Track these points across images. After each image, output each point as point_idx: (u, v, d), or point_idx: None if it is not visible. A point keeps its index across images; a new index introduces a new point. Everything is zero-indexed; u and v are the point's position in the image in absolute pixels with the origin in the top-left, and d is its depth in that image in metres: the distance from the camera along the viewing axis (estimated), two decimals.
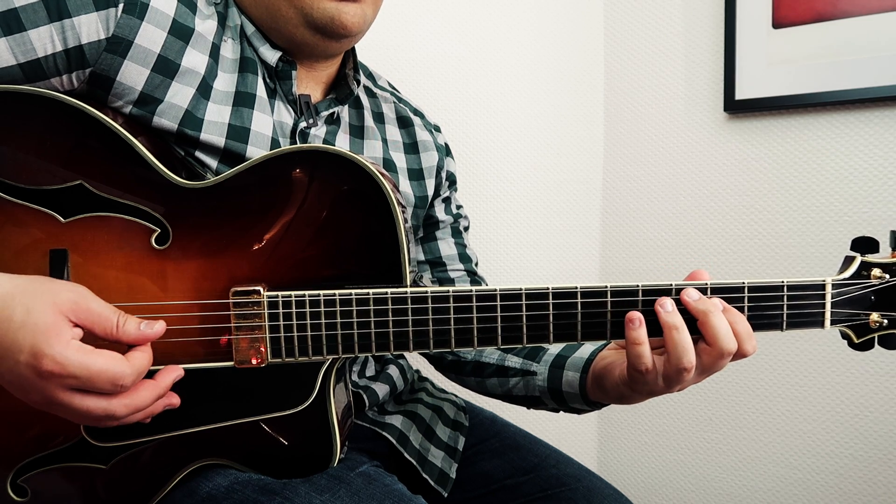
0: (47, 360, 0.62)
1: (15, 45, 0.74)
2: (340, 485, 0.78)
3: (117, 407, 0.66)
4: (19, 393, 0.65)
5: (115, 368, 0.64)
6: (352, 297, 0.75)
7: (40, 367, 0.62)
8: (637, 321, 0.74)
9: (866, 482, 1.52)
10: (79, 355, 0.63)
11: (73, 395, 0.64)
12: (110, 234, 0.74)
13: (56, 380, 0.63)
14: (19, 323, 0.62)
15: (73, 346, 0.63)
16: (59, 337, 0.63)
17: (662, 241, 1.75)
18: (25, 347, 0.62)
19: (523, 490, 0.99)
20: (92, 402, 0.65)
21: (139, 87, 0.80)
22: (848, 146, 1.50)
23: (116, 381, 0.65)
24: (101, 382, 0.64)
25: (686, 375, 0.74)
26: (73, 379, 0.63)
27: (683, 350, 0.73)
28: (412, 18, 1.54)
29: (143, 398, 0.68)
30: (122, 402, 0.66)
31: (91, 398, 0.65)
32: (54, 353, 0.62)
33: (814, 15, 1.50)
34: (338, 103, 0.96)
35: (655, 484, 1.81)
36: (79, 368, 0.63)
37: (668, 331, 0.73)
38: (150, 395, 0.69)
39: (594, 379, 0.87)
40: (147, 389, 0.69)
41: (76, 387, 0.64)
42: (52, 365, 0.62)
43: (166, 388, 0.71)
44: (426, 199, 1.04)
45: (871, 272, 0.79)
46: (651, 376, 0.75)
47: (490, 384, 1.00)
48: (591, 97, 1.83)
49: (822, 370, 1.56)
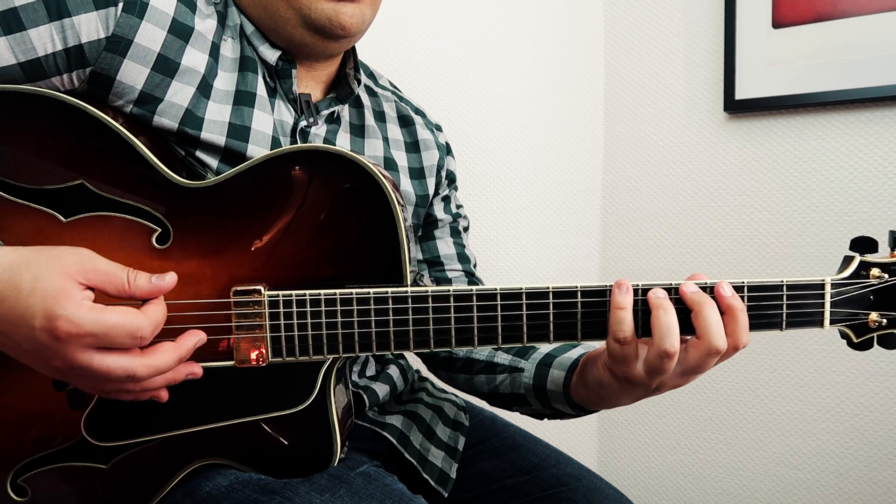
0: (62, 321, 0.61)
1: (15, 45, 0.74)
2: (341, 484, 0.78)
3: (138, 366, 0.65)
4: (40, 362, 0.65)
5: (131, 320, 0.64)
6: (352, 297, 0.75)
7: (56, 329, 0.61)
8: (625, 287, 0.73)
9: (866, 482, 1.52)
10: (92, 313, 0.63)
11: (93, 354, 0.63)
12: (111, 233, 0.74)
13: (74, 340, 0.62)
14: (28, 290, 0.62)
15: (86, 305, 0.63)
16: (70, 298, 0.62)
17: (662, 241, 1.76)
18: (38, 313, 0.62)
19: (523, 490, 0.99)
20: (112, 359, 0.64)
21: (139, 86, 0.80)
22: (848, 146, 1.50)
23: (135, 333, 0.64)
24: (119, 336, 0.64)
25: (668, 363, 0.72)
26: (90, 337, 0.63)
27: (667, 330, 0.72)
28: (412, 18, 1.54)
29: (164, 359, 0.67)
30: (143, 362, 0.66)
31: (111, 356, 0.64)
32: (67, 313, 0.61)
33: (814, 15, 1.50)
34: (338, 102, 0.96)
35: (655, 484, 1.81)
36: (94, 325, 0.62)
37: (655, 310, 0.73)
38: (171, 357, 0.68)
39: (579, 374, 0.85)
40: (168, 350, 0.68)
41: (95, 345, 0.63)
42: (67, 325, 0.61)
43: (188, 351, 0.70)
44: (427, 197, 1.04)
45: (871, 272, 0.79)
46: (630, 349, 0.73)
47: (478, 381, 0.99)
48: (591, 97, 1.83)
49: (822, 370, 1.56)
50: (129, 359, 0.65)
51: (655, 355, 0.72)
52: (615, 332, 0.73)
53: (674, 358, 0.72)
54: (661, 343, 0.72)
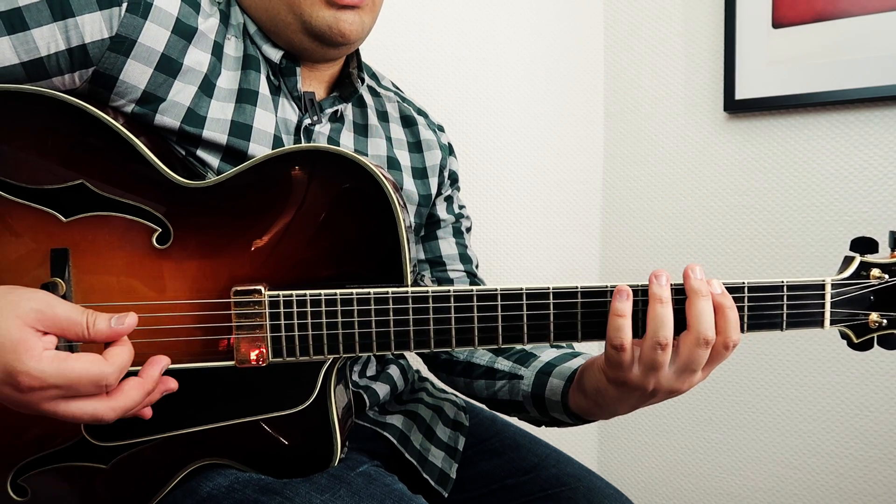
0: (23, 376, 0.60)
1: (18, 44, 0.74)
2: (341, 484, 0.78)
3: (105, 410, 0.65)
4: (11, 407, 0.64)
5: (94, 370, 0.63)
6: (353, 297, 0.75)
7: (19, 384, 0.60)
8: (625, 294, 0.74)
9: (866, 482, 1.52)
10: (54, 365, 0.61)
11: (59, 403, 0.63)
12: (111, 233, 0.74)
13: (38, 393, 0.61)
14: None
15: (46, 357, 0.61)
16: (30, 352, 0.61)
17: (662, 240, 1.76)
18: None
19: (523, 490, 0.99)
20: (77, 406, 0.64)
21: (142, 85, 0.80)
22: (848, 146, 1.50)
23: (99, 382, 0.63)
24: (83, 386, 0.63)
25: (662, 355, 0.73)
26: (54, 389, 0.62)
27: (662, 322, 0.72)
28: (412, 18, 1.54)
29: (131, 398, 0.66)
30: (109, 405, 0.65)
31: (77, 403, 0.64)
32: (28, 368, 0.60)
33: (814, 15, 1.50)
34: (341, 101, 0.96)
35: (655, 484, 1.81)
36: (57, 378, 0.61)
37: (653, 302, 0.73)
38: (137, 395, 0.67)
39: (577, 381, 0.85)
40: (133, 388, 0.67)
41: (59, 396, 0.62)
42: (29, 380, 0.60)
43: (154, 381, 0.69)
44: (429, 197, 1.04)
45: (871, 272, 0.79)
46: (626, 356, 0.74)
47: (477, 386, 0.99)
48: (591, 97, 1.83)
49: (822, 370, 1.56)
50: (94, 404, 0.64)
51: (649, 347, 0.73)
52: (612, 338, 0.73)
53: (667, 350, 0.73)
54: (654, 335, 0.73)
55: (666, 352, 0.73)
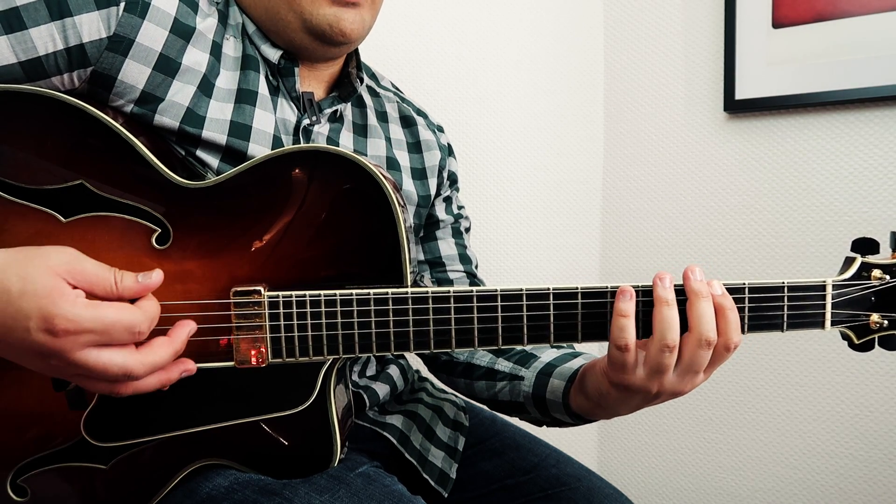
0: (59, 319, 0.61)
1: (16, 44, 0.74)
2: (340, 485, 0.78)
3: (134, 363, 0.65)
4: (37, 361, 0.64)
5: (128, 316, 0.64)
6: (352, 298, 0.75)
7: (54, 328, 0.61)
8: (628, 294, 0.74)
9: (866, 482, 1.52)
10: (89, 310, 0.62)
11: (90, 351, 0.63)
12: (111, 233, 0.74)
13: (72, 338, 0.62)
14: (18, 292, 0.61)
15: (81, 302, 0.62)
16: (65, 297, 0.62)
17: (662, 241, 1.75)
18: (33, 314, 0.61)
19: (523, 490, 0.99)
20: (108, 356, 0.64)
21: (140, 85, 0.80)
22: (848, 146, 1.50)
23: (132, 328, 0.64)
24: (117, 332, 0.64)
25: (669, 357, 0.72)
26: (88, 334, 0.62)
27: (669, 325, 0.72)
28: (412, 18, 1.53)
29: (160, 355, 0.67)
30: (139, 359, 0.66)
31: (109, 352, 0.64)
32: (65, 311, 0.61)
33: (814, 15, 1.50)
34: (341, 101, 0.96)
35: (655, 484, 1.81)
36: (92, 322, 0.62)
37: (659, 305, 0.73)
38: (167, 352, 0.68)
39: (578, 383, 0.85)
40: (162, 345, 0.68)
41: (93, 342, 0.63)
42: (65, 323, 0.61)
43: (182, 343, 0.70)
44: (429, 198, 1.04)
45: (872, 273, 0.79)
46: (630, 357, 0.73)
47: (478, 387, 0.99)
48: (591, 97, 1.82)
49: (822, 370, 1.56)
50: (125, 355, 0.65)
51: (657, 350, 0.73)
52: (616, 339, 0.73)
53: (674, 352, 0.73)
54: (662, 338, 0.72)
55: (673, 354, 0.73)
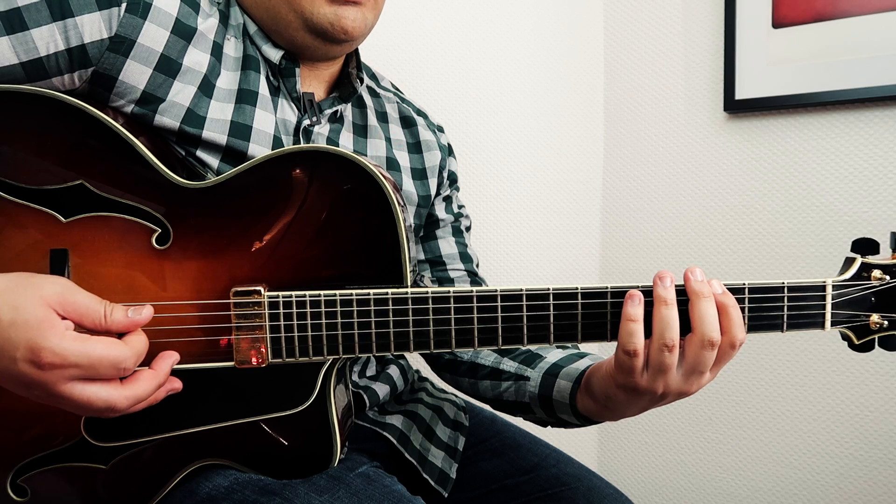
0: (46, 352, 0.61)
1: (17, 44, 0.74)
2: (340, 485, 0.78)
3: (118, 398, 0.66)
4: (20, 389, 0.65)
5: (115, 352, 0.64)
6: (352, 298, 0.75)
7: (40, 360, 0.61)
8: (637, 298, 0.73)
9: (866, 482, 1.52)
10: (77, 344, 0.63)
11: (75, 385, 0.64)
12: (111, 233, 0.74)
13: (57, 371, 0.62)
14: (8, 322, 0.62)
15: (69, 335, 0.63)
16: (54, 329, 0.62)
17: (662, 241, 1.75)
18: (20, 344, 0.61)
19: (523, 490, 0.99)
20: (93, 390, 0.64)
21: (141, 86, 0.80)
22: (848, 146, 1.50)
23: (118, 365, 0.64)
24: (103, 368, 0.64)
25: (669, 357, 0.72)
26: (74, 368, 0.63)
27: (668, 325, 0.72)
28: (412, 18, 1.53)
29: (144, 388, 0.68)
30: (123, 394, 0.66)
31: (93, 387, 0.64)
32: (52, 345, 0.61)
33: (814, 15, 1.50)
34: (341, 101, 0.96)
35: (655, 484, 1.81)
36: (79, 357, 0.62)
37: (659, 304, 0.73)
38: (150, 385, 0.68)
39: (584, 385, 0.85)
40: (147, 379, 0.68)
41: (78, 376, 0.63)
42: (51, 357, 0.61)
43: (166, 375, 0.71)
44: (429, 198, 1.04)
45: (872, 273, 0.79)
46: (639, 361, 0.73)
47: (482, 386, 0.99)
48: (591, 97, 1.82)
49: (822, 370, 1.56)
50: (109, 390, 0.65)
51: (656, 349, 0.73)
52: (625, 343, 0.73)
53: (674, 351, 0.73)
54: (661, 337, 0.72)
55: (673, 354, 0.73)
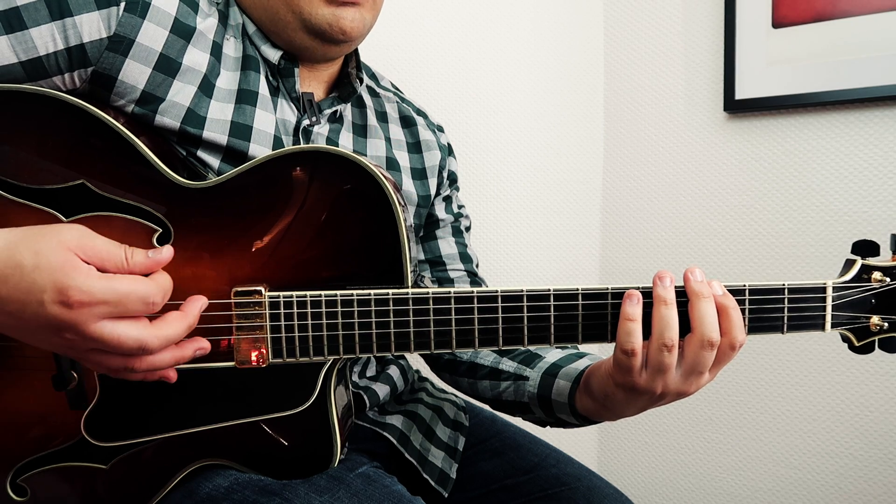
0: (73, 290, 0.61)
1: (16, 43, 0.74)
2: (340, 486, 0.78)
3: (149, 336, 0.65)
4: (50, 336, 0.64)
5: (142, 287, 0.65)
6: (353, 298, 0.75)
7: (69, 299, 0.61)
8: (635, 298, 0.74)
9: (866, 482, 1.52)
10: (103, 281, 0.63)
11: (105, 323, 0.63)
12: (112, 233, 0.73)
13: (87, 309, 0.62)
14: (31, 266, 0.61)
15: (94, 274, 0.63)
16: (78, 269, 0.62)
17: (662, 241, 1.76)
18: (47, 286, 0.61)
19: (523, 490, 0.99)
20: (123, 328, 0.64)
21: (141, 85, 0.80)
22: (848, 146, 1.50)
23: (146, 299, 0.65)
24: (131, 303, 0.64)
25: (668, 357, 0.73)
26: (103, 305, 0.62)
27: (667, 324, 0.72)
28: (412, 18, 1.53)
29: (174, 328, 0.68)
30: (154, 332, 0.66)
31: (123, 325, 0.64)
32: (78, 283, 0.61)
33: (814, 15, 1.50)
34: (340, 101, 0.96)
35: (655, 484, 1.81)
36: (107, 293, 0.62)
37: (658, 304, 0.73)
38: (181, 325, 0.68)
39: (584, 385, 0.85)
40: (176, 319, 0.68)
41: (108, 314, 0.63)
42: (79, 294, 0.61)
43: (195, 317, 0.70)
44: (428, 198, 1.04)
45: (872, 275, 0.79)
46: (637, 361, 0.73)
47: (482, 386, 0.99)
48: (591, 97, 1.82)
49: (822, 370, 1.56)
50: (140, 328, 0.65)
51: (655, 349, 0.73)
52: (623, 343, 0.73)
53: (673, 351, 0.73)
54: (660, 337, 0.72)
55: (672, 353, 0.73)
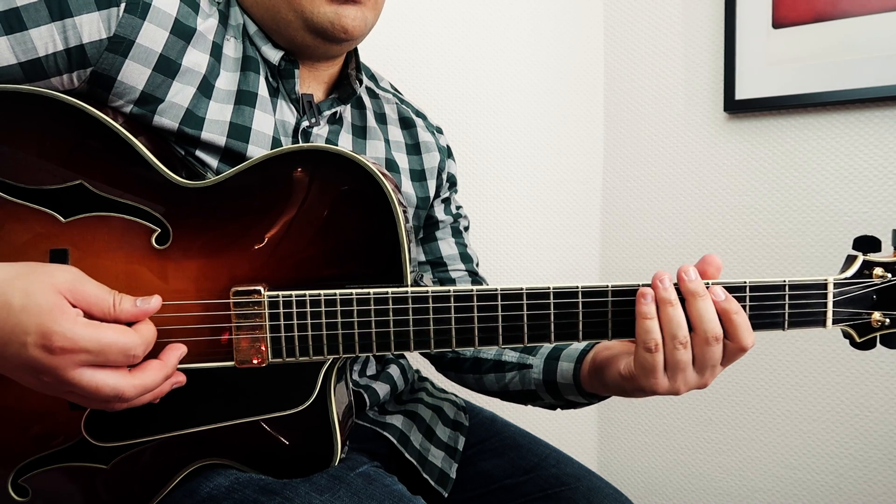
0: (57, 336, 0.61)
1: (16, 44, 0.74)
2: (340, 485, 0.78)
3: (126, 386, 0.66)
4: (28, 378, 0.65)
5: (125, 339, 0.65)
6: (352, 297, 0.75)
7: (51, 344, 0.61)
8: (648, 296, 0.74)
9: (866, 482, 1.52)
10: (88, 330, 0.63)
11: (85, 371, 0.64)
12: (110, 233, 0.74)
13: (68, 356, 0.62)
14: (20, 307, 0.62)
15: (81, 321, 0.63)
16: (65, 315, 0.62)
17: (662, 241, 1.75)
18: (31, 329, 0.61)
19: (523, 490, 0.99)
20: (102, 377, 0.64)
21: (140, 86, 0.80)
22: (848, 146, 1.50)
23: (128, 352, 0.65)
24: (112, 354, 0.64)
25: (684, 354, 0.73)
26: (84, 353, 0.63)
27: (677, 324, 0.73)
28: (412, 18, 1.53)
29: (152, 378, 0.68)
30: (132, 382, 0.66)
31: (102, 374, 0.64)
32: (63, 329, 0.62)
33: (814, 15, 1.50)
34: (340, 103, 0.96)
35: (655, 484, 1.81)
36: (90, 342, 0.63)
37: (665, 306, 0.74)
38: (159, 375, 0.69)
39: (592, 369, 0.86)
40: (155, 369, 0.69)
41: (88, 362, 0.63)
42: (62, 341, 0.61)
43: (173, 367, 0.71)
44: (428, 199, 1.04)
45: (873, 271, 0.79)
46: (660, 357, 0.74)
47: (488, 380, 1.00)
48: (591, 97, 1.82)
49: (822, 370, 1.56)
50: (118, 378, 0.65)
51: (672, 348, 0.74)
52: (645, 341, 0.74)
53: (688, 347, 0.74)
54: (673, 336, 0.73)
55: (687, 350, 0.74)
